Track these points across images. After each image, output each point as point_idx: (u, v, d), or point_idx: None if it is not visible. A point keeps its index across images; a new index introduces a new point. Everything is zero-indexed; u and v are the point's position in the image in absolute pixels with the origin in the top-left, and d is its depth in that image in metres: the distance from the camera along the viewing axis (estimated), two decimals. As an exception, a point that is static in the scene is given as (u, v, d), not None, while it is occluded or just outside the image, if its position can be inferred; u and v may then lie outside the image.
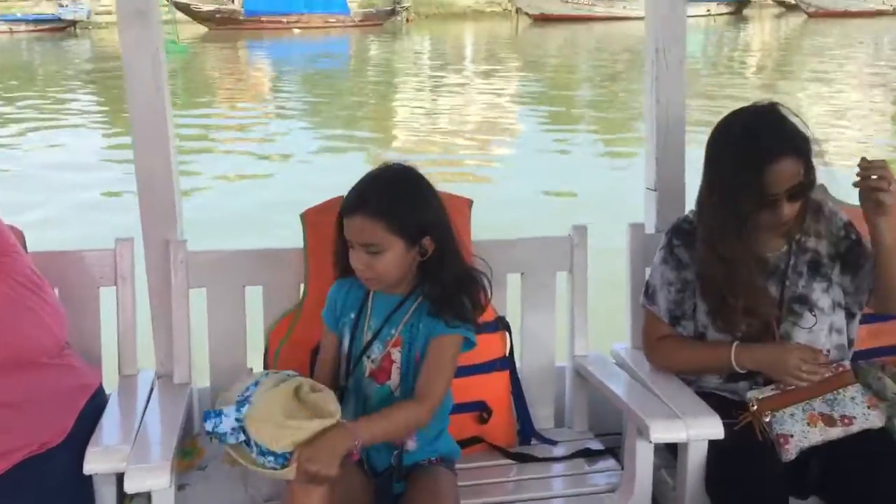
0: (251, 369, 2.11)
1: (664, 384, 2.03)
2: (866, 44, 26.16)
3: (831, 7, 34.33)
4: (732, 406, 1.96)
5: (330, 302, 1.89)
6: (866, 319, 2.12)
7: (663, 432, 1.84)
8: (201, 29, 31.22)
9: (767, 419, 1.91)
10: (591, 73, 20.23)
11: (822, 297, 1.98)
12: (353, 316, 1.85)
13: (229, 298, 2.11)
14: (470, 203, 2.16)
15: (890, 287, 1.91)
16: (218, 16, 32.48)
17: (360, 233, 1.74)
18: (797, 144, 1.86)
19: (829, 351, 1.99)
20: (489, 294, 1.88)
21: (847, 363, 2.01)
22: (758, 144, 1.83)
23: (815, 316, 1.97)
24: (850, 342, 2.05)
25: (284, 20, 32.37)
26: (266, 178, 9.44)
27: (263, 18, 32.20)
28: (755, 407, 1.92)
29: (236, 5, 33.31)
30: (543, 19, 35.13)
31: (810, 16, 34.30)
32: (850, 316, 2.04)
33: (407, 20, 35.95)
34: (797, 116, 1.90)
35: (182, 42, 24.29)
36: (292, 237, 2.15)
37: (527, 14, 36.20)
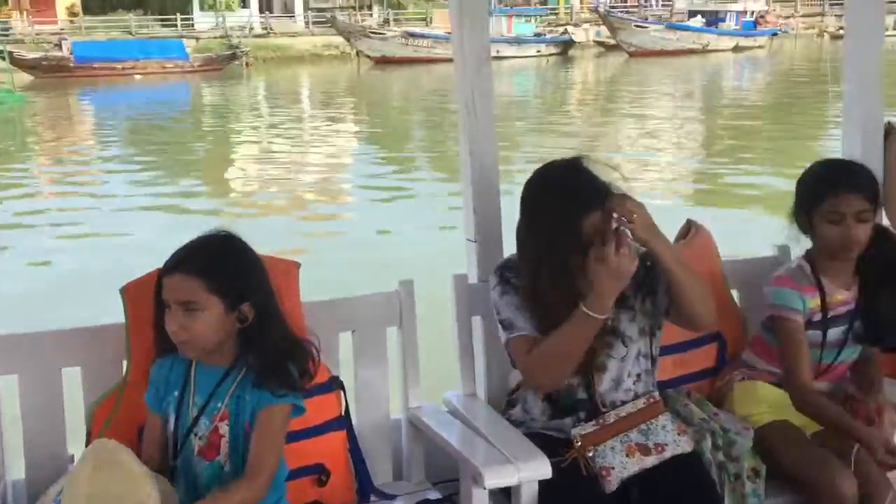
0: (73, 456, 2.00)
1: (494, 429, 2.11)
2: (679, 80, 28.46)
3: (649, 46, 37.06)
4: (559, 444, 2.05)
5: (152, 383, 1.84)
6: (671, 350, 2.30)
7: (496, 478, 1.91)
8: (27, 77, 29.48)
9: (591, 454, 2.01)
10: (431, 115, 20.75)
11: (629, 326, 2.11)
12: (176, 394, 1.81)
13: (44, 383, 2.00)
14: (297, 265, 2.18)
15: (685, 302, 2.01)
16: (45, 63, 30.86)
17: (178, 290, 1.72)
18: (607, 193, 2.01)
19: (638, 375, 2.12)
20: (317, 360, 1.89)
21: (657, 394, 2.16)
22: (576, 197, 1.97)
23: (625, 346, 2.11)
24: (654, 360, 2.16)
25: (119, 67, 31.21)
26: (90, 236, 8.97)
27: (95, 65, 30.94)
28: (579, 443, 2.02)
29: (65, 52, 31.79)
30: (385, 61, 35.73)
31: (631, 55, 36.85)
32: (651, 335, 2.15)
33: (247, 65, 35.55)
34: (598, 161, 2.05)
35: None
36: (114, 310, 2.08)
37: (368, 56, 36.72)
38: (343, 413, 2.16)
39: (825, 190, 2.15)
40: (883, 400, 2.09)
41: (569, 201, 1.97)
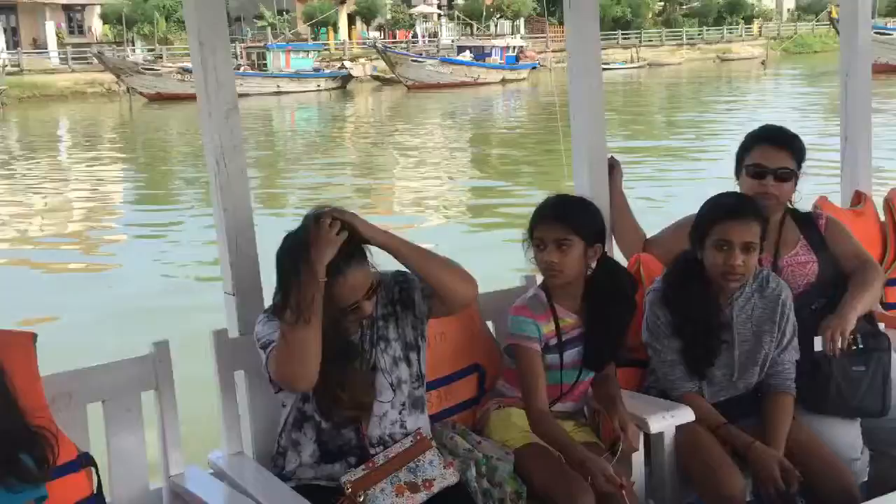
0: None
1: (262, 487, 2.07)
2: (456, 111, 29.79)
3: (426, 80, 38.47)
4: (330, 493, 2.05)
5: None
6: (435, 384, 2.38)
7: (264, 539, 1.87)
8: None
9: (362, 499, 2.03)
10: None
11: (385, 358, 2.16)
12: None
13: None
14: (33, 336, 2.01)
15: (437, 281, 2.09)
16: None
17: None
18: (362, 251, 2.05)
19: (403, 405, 2.15)
20: (56, 449, 1.76)
21: (425, 429, 2.21)
22: (334, 259, 1.98)
23: (392, 386, 2.15)
24: (422, 375, 2.21)
25: None
26: None
27: None
28: (349, 489, 2.03)
29: None
30: (160, 98, 34.14)
31: (409, 88, 38.00)
32: (416, 349, 2.20)
33: (2, 104, 32.49)
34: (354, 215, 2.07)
35: None
36: None
37: (141, 93, 34.92)
38: (95, 490, 2.02)
39: (533, 220, 2.35)
40: (623, 412, 2.28)
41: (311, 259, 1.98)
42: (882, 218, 3.15)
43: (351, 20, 51.02)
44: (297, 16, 48.66)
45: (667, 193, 11.59)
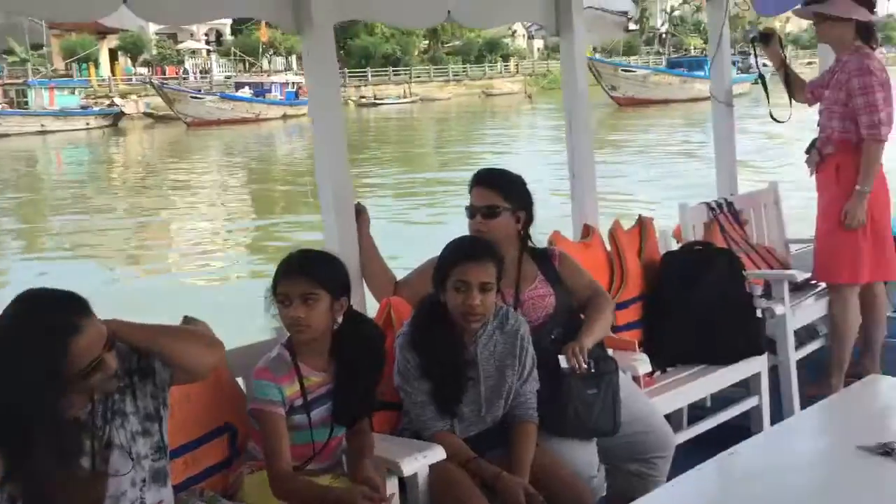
0: None
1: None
2: (237, 148, 29.13)
3: (206, 117, 37.28)
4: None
5: None
6: (179, 451, 2.25)
7: None
8: None
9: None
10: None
11: (121, 434, 2.00)
12: None
13: None
14: None
15: (177, 358, 2.03)
16: None
17: None
18: (85, 303, 1.89)
19: (144, 480, 2.00)
20: None
21: (166, 501, 2.07)
22: (55, 329, 1.81)
23: (130, 456, 2.00)
24: (163, 447, 2.06)
25: None
26: None
27: None
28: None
29: None
30: None
31: (189, 125, 36.54)
32: (156, 420, 2.05)
33: None
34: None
35: None
36: None
37: None
38: None
39: (277, 276, 2.30)
40: (369, 468, 2.22)
41: (50, 337, 1.81)
42: (608, 248, 3.45)
43: (113, 55, 48.40)
44: (55, 51, 45.39)
45: (442, 225, 12.00)
